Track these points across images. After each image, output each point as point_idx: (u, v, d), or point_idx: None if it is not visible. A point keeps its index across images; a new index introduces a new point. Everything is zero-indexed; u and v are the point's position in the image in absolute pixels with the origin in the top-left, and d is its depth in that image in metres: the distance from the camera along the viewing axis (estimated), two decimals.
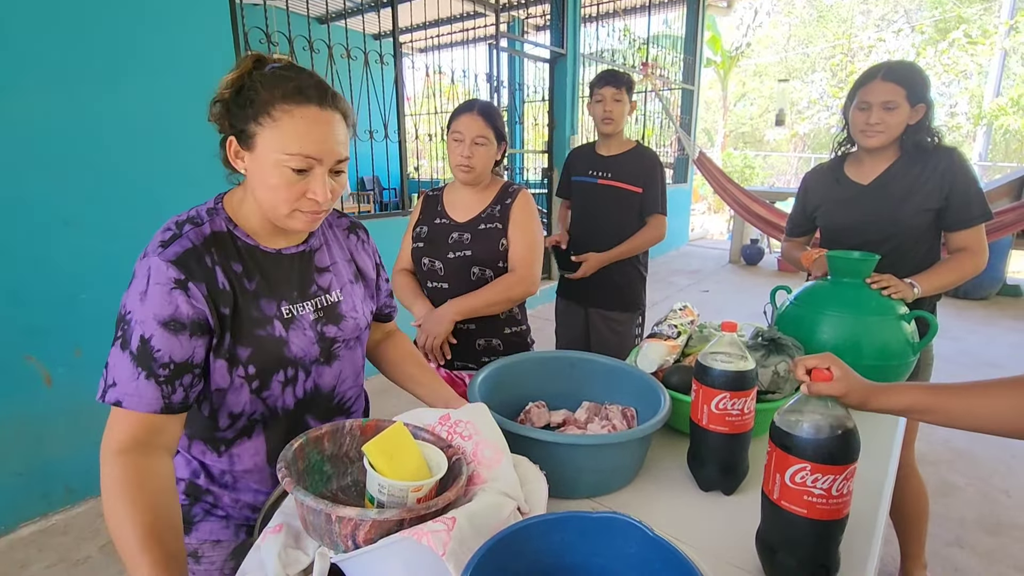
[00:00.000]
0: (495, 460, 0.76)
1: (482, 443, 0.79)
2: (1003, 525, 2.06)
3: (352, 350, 0.96)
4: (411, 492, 0.67)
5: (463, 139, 1.42)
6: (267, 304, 0.84)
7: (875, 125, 1.43)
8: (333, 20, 5.85)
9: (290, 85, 0.76)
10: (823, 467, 0.67)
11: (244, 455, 0.88)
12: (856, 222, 1.53)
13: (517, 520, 0.69)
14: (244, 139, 0.78)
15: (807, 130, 14.81)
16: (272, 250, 0.87)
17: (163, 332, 0.74)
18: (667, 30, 6.99)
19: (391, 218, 3.54)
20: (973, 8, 13.04)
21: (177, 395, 0.76)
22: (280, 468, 0.66)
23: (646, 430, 0.93)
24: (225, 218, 0.84)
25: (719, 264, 6.95)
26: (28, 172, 1.94)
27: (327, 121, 0.78)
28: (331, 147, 0.79)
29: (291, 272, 0.88)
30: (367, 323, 0.99)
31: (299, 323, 0.87)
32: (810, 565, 0.72)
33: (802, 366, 0.75)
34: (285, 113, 0.76)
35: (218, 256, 0.80)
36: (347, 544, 0.62)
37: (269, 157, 0.76)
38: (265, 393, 0.85)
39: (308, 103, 0.77)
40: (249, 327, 0.82)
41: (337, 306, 0.92)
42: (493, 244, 1.44)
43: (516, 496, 0.71)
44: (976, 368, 3.45)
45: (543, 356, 1.25)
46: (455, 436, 0.80)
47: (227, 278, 0.80)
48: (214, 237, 0.81)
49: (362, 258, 1.01)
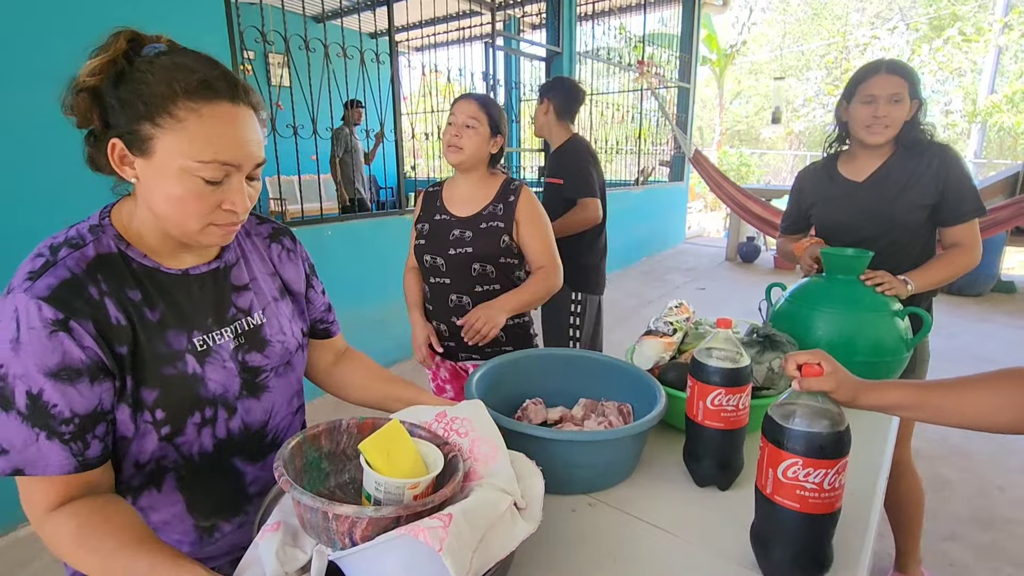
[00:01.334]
0: (492, 456, 0.77)
1: (478, 440, 0.79)
2: (997, 520, 2.08)
3: (283, 377, 0.84)
4: (408, 490, 0.67)
5: (455, 121, 1.46)
6: (175, 336, 0.71)
7: (883, 118, 1.42)
8: (329, 19, 5.83)
9: (194, 78, 0.63)
10: (815, 461, 0.68)
11: (158, 506, 0.76)
12: (852, 219, 1.53)
13: (514, 515, 0.69)
14: (135, 142, 0.64)
15: (803, 128, 14.84)
16: (177, 271, 0.73)
17: (55, 384, 0.61)
18: (663, 28, 7.00)
19: (388, 217, 3.54)
20: (968, 5, 13.08)
21: (93, 449, 0.65)
22: (277, 467, 0.65)
23: (641, 426, 0.94)
24: (114, 236, 0.69)
25: (715, 262, 6.96)
26: (25, 172, 1.93)
27: (242, 120, 0.66)
28: (249, 150, 0.67)
29: (203, 295, 0.75)
30: (299, 344, 0.86)
31: (216, 354, 0.74)
32: (804, 559, 0.73)
33: (793, 361, 0.76)
34: (191, 112, 0.63)
35: (107, 285, 0.66)
36: (344, 542, 0.62)
37: (173, 164, 0.63)
38: (178, 439, 0.72)
39: (218, 99, 0.64)
40: (154, 366, 0.69)
41: (260, 330, 0.80)
42: (494, 241, 1.46)
43: (513, 492, 0.71)
44: (970, 364, 3.47)
45: (540, 353, 1.26)
46: (451, 433, 0.81)
47: (121, 310, 0.66)
48: (100, 261, 0.67)
49: (288, 270, 0.88)
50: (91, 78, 0.65)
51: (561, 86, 2.30)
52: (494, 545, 0.64)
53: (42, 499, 0.64)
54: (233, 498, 0.82)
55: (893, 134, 1.45)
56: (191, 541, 0.80)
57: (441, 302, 1.52)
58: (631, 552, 0.83)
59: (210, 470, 0.78)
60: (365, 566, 0.62)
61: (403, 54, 6.28)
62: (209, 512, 0.80)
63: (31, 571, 1.84)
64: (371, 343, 3.25)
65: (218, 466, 0.79)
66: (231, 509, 0.82)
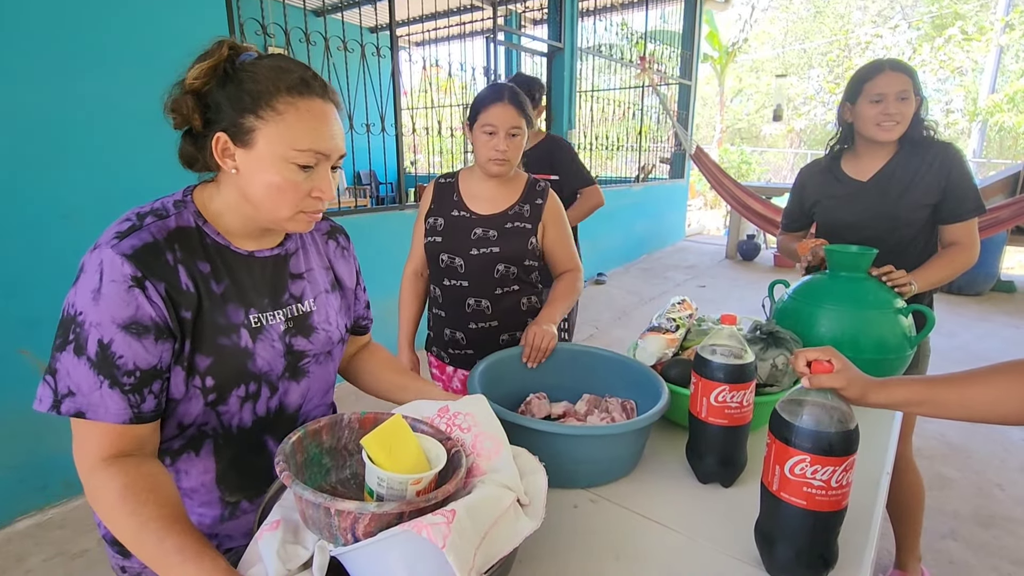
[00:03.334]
0: (494, 452, 0.76)
1: (481, 435, 0.78)
2: (996, 518, 2.08)
3: (322, 366, 0.88)
4: (410, 485, 0.66)
5: (496, 131, 1.31)
6: (234, 310, 0.76)
7: (893, 115, 1.41)
8: (329, 13, 5.81)
9: (293, 76, 0.71)
10: (823, 459, 0.67)
11: (192, 471, 0.80)
12: (857, 218, 1.53)
13: (518, 512, 0.68)
14: (239, 135, 0.71)
15: (804, 126, 14.83)
16: (244, 251, 0.79)
17: (124, 336, 0.66)
18: (664, 25, 6.98)
19: (388, 212, 3.53)
20: (970, 4, 13.05)
21: (148, 404, 0.70)
22: (278, 461, 0.65)
23: (642, 422, 0.93)
24: (194, 212, 0.76)
25: (715, 259, 6.96)
26: (24, 165, 1.92)
27: (330, 115, 0.74)
28: (336, 142, 0.74)
29: (263, 277, 0.81)
30: (340, 337, 0.91)
31: (267, 334, 0.79)
32: (808, 556, 0.72)
33: (803, 358, 0.75)
34: (290, 106, 0.70)
35: (182, 253, 0.72)
36: (347, 537, 0.62)
37: (274, 153, 0.70)
38: (221, 407, 0.77)
39: (312, 95, 0.72)
40: (212, 334, 0.74)
41: (309, 316, 0.85)
42: (523, 243, 1.39)
43: (515, 488, 0.71)
44: (970, 364, 3.43)
45: None
46: (454, 428, 0.80)
47: (191, 278, 0.72)
48: (179, 232, 0.73)
49: (341, 266, 0.94)
50: (196, 81, 0.72)
51: (530, 84, 2.30)
52: (497, 542, 0.64)
53: (95, 446, 0.68)
54: (260, 477, 0.83)
55: (904, 130, 1.44)
56: (214, 515, 0.83)
57: (457, 307, 1.43)
58: (634, 548, 0.82)
59: (245, 446, 0.82)
60: (367, 562, 0.61)
61: (404, 49, 6.24)
62: (235, 487, 0.83)
63: (29, 566, 1.84)
64: None
65: (252, 443, 0.82)
66: (256, 488, 0.84)
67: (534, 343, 1.19)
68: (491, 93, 1.34)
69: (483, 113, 1.32)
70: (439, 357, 1.53)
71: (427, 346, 1.57)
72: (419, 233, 1.47)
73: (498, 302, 1.41)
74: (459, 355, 1.47)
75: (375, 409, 0.82)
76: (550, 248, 1.45)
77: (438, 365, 1.54)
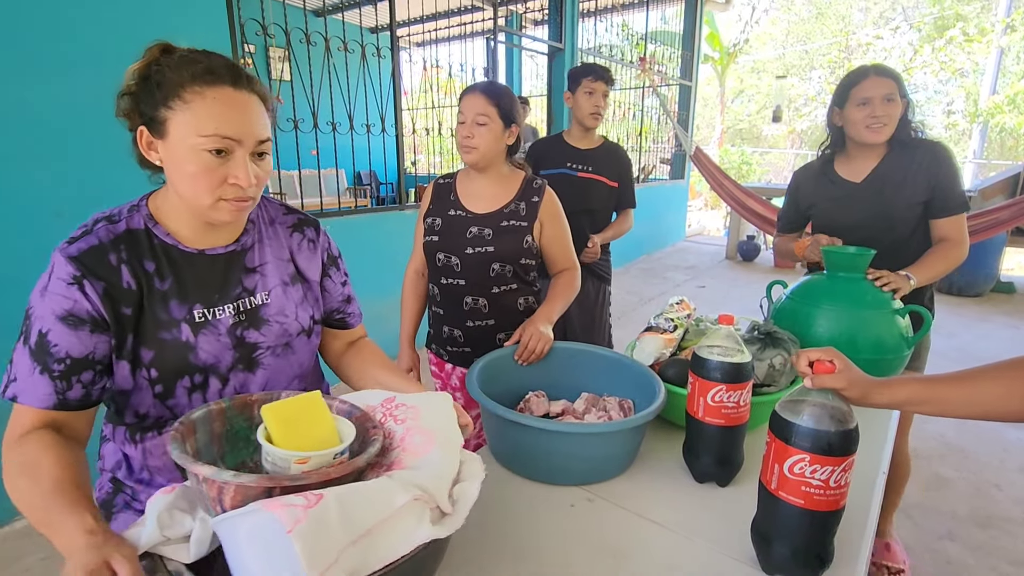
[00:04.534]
0: (423, 449, 0.69)
1: (414, 430, 0.72)
2: (994, 518, 2.08)
3: (281, 357, 0.90)
4: (295, 463, 0.61)
5: (465, 119, 1.37)
6: (177, 306, 0.80)
7: (881, 117, 1.46)
8: (330, 13, 5.82)
9: (199, 66, 0.73)
10: (822, 458, 0.67)
11: (155, 450, 0.85)
12: (855, 220, 1.56)
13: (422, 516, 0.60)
14: (155, 126, 0.74)
15: (804, 127, 14.82)
16: (193, 250, 0.83)
17: (61, 327, 0.73)
18: (665, 26, 6.98)
19: (388, 212, 3.53)
20: (971, 6, 13.05)
21: (74, 391, 0.74)
22: (175, 424, 0.65)
23: (638, 420, 0.94)
24: (146, 215, 0.81)
25: (715, 260, 6.96)
26: (19, 163, 1.93)
27: (242, 102, 0.75)
28: (249, 127, 0.75)
29: (212, 273, 0.84)
30: (303, 329, 0.92)
31: (213, 327, 0.82)
32: (805, 555, 0.73)
33: (804, 358, 0.75)
34: (196, 95, 0.72)
35: (128, 254, 0.78)
36: (217, 509, 0.58)
37: (184, 142, 0.73)
38: (170, 401, 0.82)
39: (220, 83, 0.74)
40: (153, 329, 0.79)
41: (260, 309, 0.87)
42: (518, 241, 1.39)
43: (432, 491, 0.63)
44: (969, 364, 3.42)
45: None
46: (389, 418, 0.75)
47: (134, 277, 0.77)
48: (128, 235, 0.79)
49: (305, 258, 0.95)
50: (131, 83, 0.76)
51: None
52: (383, 544, 0.56)
53: (17, 426, 0.73)
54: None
55: (891, 132, 1.49)
56: None
57: (454, 305, 1.44)
58: (630, 547, 0.83)
59: None
60: (226, 536, 0.57)
61: (404, 49, 6.25)
62: None
63: (24, 566, 1.84)
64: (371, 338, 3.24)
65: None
66: None
67: (528, 344, 1.20)
68: (468, 87, 1.42)
69: (460, 104, 1.40)
70: (438, 354, 1.54)
71: (427, 343, 1.59)
72: (419, 233, 1.49)
73: (495, 300, 1.42)
74: (457, 353, 1.48)
75: None
76: (547, 246, 1.45)
77: (437, 362, 1.55)
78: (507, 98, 1.38)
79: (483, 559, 0.80)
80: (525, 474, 0.99)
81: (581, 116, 2.09)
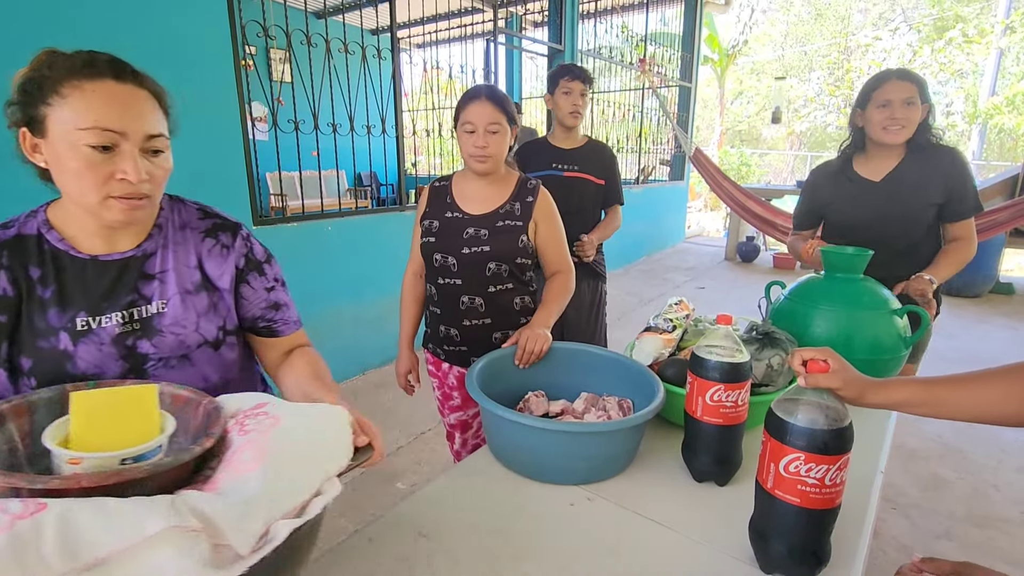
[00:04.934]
0: (245, 467, 0.56)
1: (249, 444, 0.59)
2: (991, 519, 2.09)
3: (176, 370, 0.84)
4: (67, 463, 0.54)
5: (475, 129, 1.35)
6: (57, 314, 0.77)
7: (899, 119, 1.51)
8: (331, 15, 5.83)
9: (78, 61, 0.71)
10: (817, 457, 0.68)
11: None
12: (871, 218, 1.61)
13: (189, 550, 0.47)
14: (35, 126, 0.72)
15: (804, 128, 14.83)
16: (85, 256, 0.79)
17: None
18: (664, 28, 6.99)
19: (388, 213, 3.54)
20: (971, 7, 13.07)
21: None
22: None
23: (637, 419, 0.94)
24: (42, 221, 0.79)
25: (715, 261, 6.97)
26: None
27: (126, 94, 0.73)
28: (134, 121, 0.72)
29: (103, 280, 0.79)
30: (204, 340, 0.86)
31: (95, 336, 0.78)
32: (802, 554, 0.74)
33: (799, 357, 0.76)
34: (75, 88, 0.70)
35: (11, 260, 0.75)
36: None
37: (64, 138, 0.70)
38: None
39: (100, 77, 0.71)
40: (30, 337, 0.76)
41: (155, 319, 0.82)
42: (513, 241, 1.41)
43: (220, 523, 0.49)
44: (968, 365, 3.42)
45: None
46: (237, 427, 0.64)
47: (13, 283, 0.75)
48: (17, 240, 0.77)
49: (215, 265, 0.88)
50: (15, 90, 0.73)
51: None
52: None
53: None
54: None
55: (910, 134, 1.54)
56: None
57: (451, 305, 1.45)
58: (629, 546, 0.83)
59: None
60: None
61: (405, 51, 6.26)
62: None
63: None
64: (369, 339, 3.25)
65: None
66: None
67: (526, 346, 1.22)
68: (468, 93, 1.40)
69: (463, 113, 1.38)
70: (435, 354, 1.55)
71: (424, 343, 1.60)
72: (417, 235, 1.50)
73: (491, 300, 1.43)
74: (453, 352, 1.50)
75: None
76: (542, 246, 1.47)
77: (434, 362, 1.57)
78: (509, 102, 1.41)
79: (482, 559, 0.81)
80: (525, 473, 1.00)
81: (561, 116, 2.10)
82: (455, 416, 1.55)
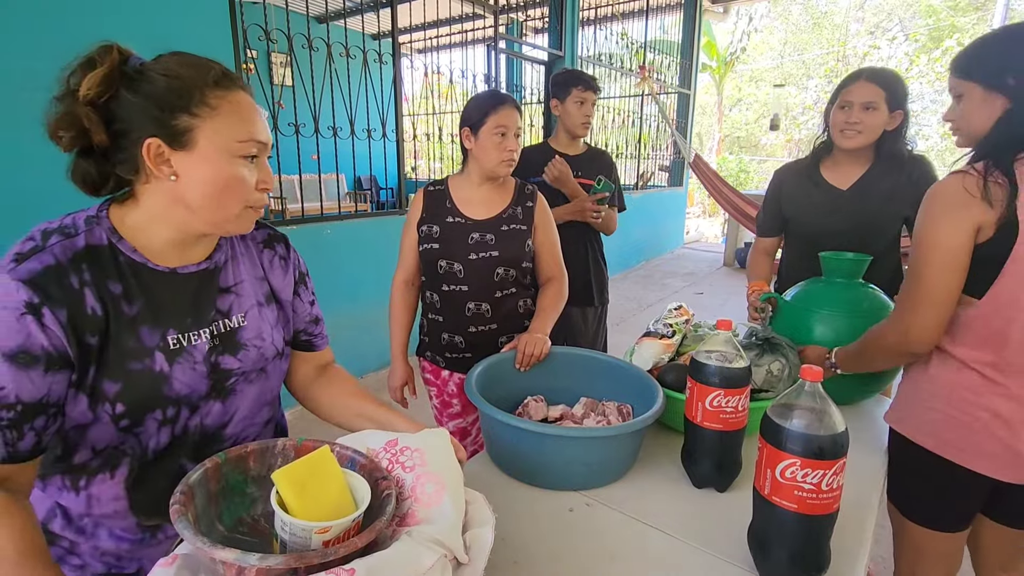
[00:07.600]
0: (436, 498, 0.66)
1: (424, 476, 0.68)
2: None
3: (253, 384, 0.82)
4: (315, 534, 0.58)
5: (508, 131, 1.36)
6: (149, 333, 0.71)
7: (854, 124, 1.44)
8: (332, 19, 5.85)
9: (216, 70, 0.69)
10: (813, 462, 0.68)
11: (103, 496, 0.74)
12: (837, 227, 1.55)
13: (445, 571, 0.60)
14: (174, 137, 0.66)
15: (802, 135, 14.89)
16: (165, 268, 0.73)
17: (9, 367, 0.61)
18: (664, 35, 7.03)
19: (388, 217, 3.55)
20: (967, 17, 13.16)
21: (26, 441, 0.63)
22: (176, 492, 0.60)
23: (636, 424, 0.94)
24: (108, 228, 0.70)
25: (713, 267, 6.98)
26: (24, 169, 1.93)
27: (255, 105, 0.73)
28: (264, 131, 0.73)
29: (185, 294, 0.75)
30: (276, 352, 0.85)
31: (189, 355, 0.74)
32: (801, 560, 0.73)
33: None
34: (221, 99, 0.68)
35: (91, 275, 0.67)
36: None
37: (218, 150, 0.68)
38: (138, 429, 0.72)
39: (236, 87, 0.70)
40: (120, 359, 0.69)
41: (237, 333, 0.79)
42: (520, 245, 1.41)
43: (450, 544, 0.62)
44: None
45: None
46: (396, 466, 0.70)
47: (99, 301, 0.67)
48: (89, 251, 0.68)
49: (277, 276, 0.87)
50: (92, 91, 0.64)
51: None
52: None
53: None
54: None
55: (866, 141, 1.47)
56: (133, 539, 0.79)
57: (456, 311, 1.43)
58: (628, 551, 0.83)
59: (159, 467, 0.76)
60: None
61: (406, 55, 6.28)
62: (151, 511, 0.78)
63: None
64: (368, 344, 3.24)
65: (167, 464, 0.76)
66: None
67: (526, 350, 1.21)
68: (495, 97, 1.39)
69: (493, 116, 1.35)
70: (434, 362, 1.52)
71: (419, 352, 1.57)
72: (409, 242, 1.47)
73: (498, 305, 1.42)
74: (456, 359, 1.48)
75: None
76: (538, 251, 1.47)
77: (432, 370, 1.54)
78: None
79: None
80: (523, 479, 1.00)
81: (571, 125, 2.07)
82: (454, 423, 1.54)
